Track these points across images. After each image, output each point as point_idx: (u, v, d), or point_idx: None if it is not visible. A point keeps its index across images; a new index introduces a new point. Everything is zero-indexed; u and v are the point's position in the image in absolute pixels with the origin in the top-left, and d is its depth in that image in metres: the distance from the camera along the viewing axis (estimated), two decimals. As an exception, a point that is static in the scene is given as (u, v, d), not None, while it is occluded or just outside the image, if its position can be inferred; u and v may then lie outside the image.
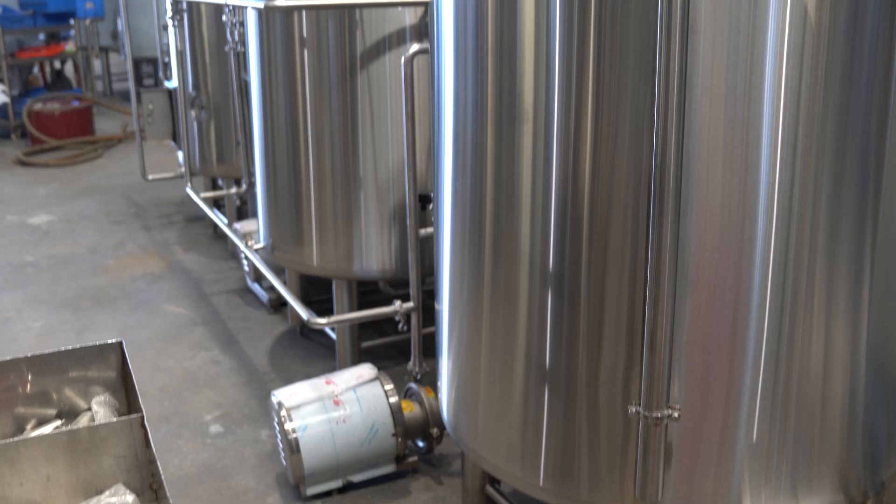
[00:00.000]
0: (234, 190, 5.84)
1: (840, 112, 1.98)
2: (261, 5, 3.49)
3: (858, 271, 2.11)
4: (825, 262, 2.06)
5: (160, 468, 2.58)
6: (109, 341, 3.02)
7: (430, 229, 3.55)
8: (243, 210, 6.16)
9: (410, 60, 3.16)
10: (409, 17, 3.53)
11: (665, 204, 1.91)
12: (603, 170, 2.05)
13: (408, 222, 3.42)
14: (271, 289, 5.13)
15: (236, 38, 4.60)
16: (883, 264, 2.15)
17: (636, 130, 1.99)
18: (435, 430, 3.37)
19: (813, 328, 2.10)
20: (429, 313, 3.70)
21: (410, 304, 3.59)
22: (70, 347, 2.99)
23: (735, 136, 1.94)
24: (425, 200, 3.49)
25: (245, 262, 5.34)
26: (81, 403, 3.02)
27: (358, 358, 4.23)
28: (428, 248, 3.60)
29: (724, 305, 2.04)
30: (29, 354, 2.94)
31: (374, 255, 3.84)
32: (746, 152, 1.95)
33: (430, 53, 2.58)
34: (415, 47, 3.17)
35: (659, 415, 2.04)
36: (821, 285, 2.07)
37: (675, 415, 2.06)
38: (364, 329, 4.58)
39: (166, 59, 6.72)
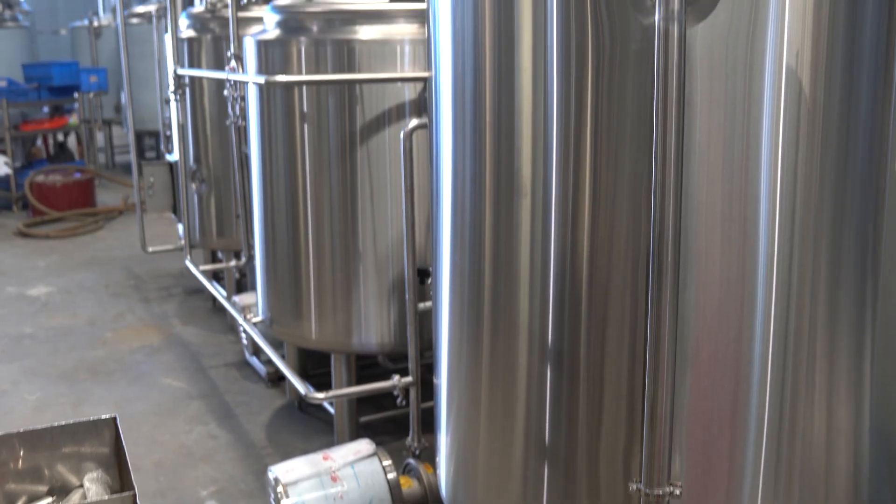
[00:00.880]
0: (233, 263, 5.85)
1: (837, 184, 1.98)
2: (261, 80, 3.53)
3: (860, 343, 2.10)
4: (826, 334, 2.05)
5: (153, 546, 2.53)
6: (103, 417, 2.99)
7: (428, 303, 3.54)
8: (242, 283, 6.15)
9: (409, 135, 3.19)
10: (409, 92, 3.57)
11: (664, 277, 1.91)
12: (601, 243, 2.05)
13: (407, 296, 3.42)
14: (269, 362, 5.10)
15: (237, 112, 4.65)
16: (884, 335, 2.14)
17: (634, 204, 1.99)
18: (433, 507, 3.32)
19: (815, 401, 2.08)
20: (428, 387, 3.67)
21: (409, 379, 3.57)
22: (63, 423, 2.96)
23: (733, 209, 1.95)
24: (424, 274, 3.49)
25: (243, 335, 5.31)
26: (74, 480, 2.98)
27: (356, 432, 4.19)
28: (427, 322, 3.59)
29: (724, 379, 2.02)
30: (21, 430, 2.91)
31: (373, 328, 3.83)
32: (744, 225, 1.95)
33: (428, 128, 2.60)
34: (414, 122, 3.21)
35: (660, 492, 2.01)
36: (822, 357, 2.06)
37: (677, 492, 2.02)
38: (363, 403, 4.54)
39: (168, 133, 6.79)
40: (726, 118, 1.92)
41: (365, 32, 3.56)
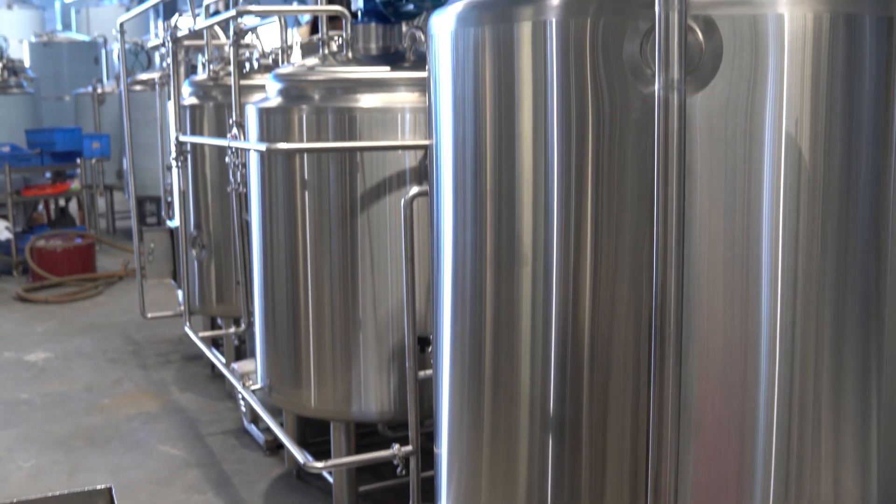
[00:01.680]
0: (232, 329, 5.83)
1: (839, 252, 1.98)
2: (262, 148, 3.55)
3: (865, 410, 2.08)
4: (831, 402, 2.03)
5: None
6: (98, 487, 2.95)
7: (429, 371, 3.51)
8: (242, 350, 6.12)
9: (410, 202, 3.20)
10: (409, 159, 3.59)
11: (666, 346, 1.90)
12: (603, 312, 2.04)
13: (407, 364, 3.40)
14: (268, 430, 5.05)
15: (238, 178, 4.67)
16: (889, 402, 2.12)
17: (636, 272, 1.98)
18: (434, 579, 3.26)
19: (821, 470, 2.05)
20: (428, 457, 3.62)
21: (409, 448, 3.53)
22: (58, 493, 2.92)
23: (735, 277, 1.94)
24: (424, 342, 3.47)
25: (242, 402, 5.27)
26: (68, 551, 2.93)
27: (356, 502, 4.13)
28: (427, 391, 3.56)
29: (729, 449, 1.99)
30: (15, 500, 2.87)
31: (373, 397, 3.79)
32: (747, 293, 1.94)
33: (429, 195, 2.61)
34: (414, 189, 3.21)
35: (666, 566, 1.97)
36: (827, 426, 2.03)
37: (683, 566, 1.99)
38: (362, 472, 4.48)
39: (169, 199, 6.82)
40: (727, 186, 1.92)
41: (366, 100, 3.60)
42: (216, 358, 5.29)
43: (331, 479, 4.24)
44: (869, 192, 2.00)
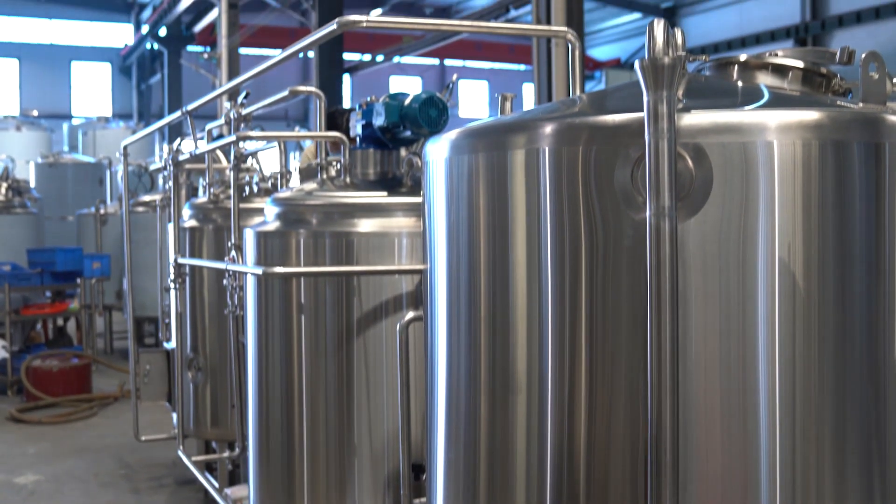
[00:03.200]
0: (227, 454, 5.74)
1: (837, 377, 1.96)
2: (259, 272, 3.56)
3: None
4: (835, 531, 1.98)
5: None
6: None
7: (423, 499, 3.44)
8: (236, 474, 6.01)
9: (406, 328, 3.18)
10: (406, 284, 3.59)
11: (663, 475, 1.86)
12: (599, 440, 2.01)
13: (402, 492, 3.33)
14: (260, 557, 4.91)
15: (236, 301, 4.67)
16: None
17: (631, 399, 1.96)
18: None
19: None
20: (423, 587, 3.52)
21: (404, 577, 3.42)
22: None
23: (732, 404, 1.92)
24: (420, 470, 3.41)
25: (234, 528, 5.14)
26: None
27: None
28: (422, 519, 3.48)
29: (732, 580, 1.94)
30: None
31: (367, 524, 3.71)
32: (745, 420, 1.92)
33: (423, 321, 2.60)
34: (410, 315, 3.20)
35: None
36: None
37: None
38: None
39: (167, 320, 6.80)
40: (721, 312, 1.92)
41: (363, 225, 3.62)
42: (209, 483, 5.19)
43: None
44: (864, 318, 1.99)
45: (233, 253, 4.50)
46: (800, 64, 2.30)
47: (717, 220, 1.91)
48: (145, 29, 28.46)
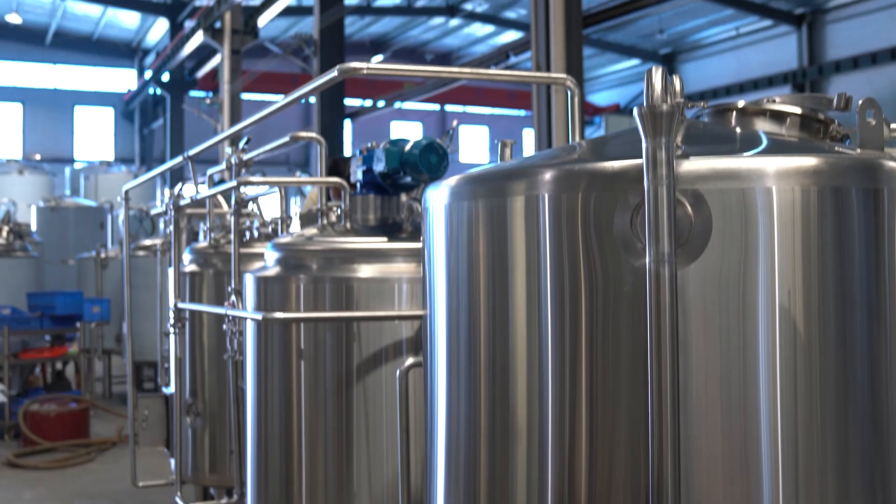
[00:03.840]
0: (224, 500, 5.68)
1: (839, 423, 1.95)
2: (259, 317, 3.56)
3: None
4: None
5: None
6: None
7: (423, 547, 3.41)
8: (234, 519, 5.95)
9: (406, 373, 3.17)
10: (406, 329, 3.59)
11: (666, 523, 1.84)
12: (600, 486, 1.99)
13: (401, 538, 3.30)
14: None
15: (235, 346, 4.65)
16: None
17: (632, 444, 1.95)
18: None
19: None
20: None
21: None
22: None
23: (734, 450, 1.91)
24: (419, 517, 3.38)
25: (232, 576, 5.08)
26: None
27: None
28: (422, 567, 3.44)
29: None
30: None
31: (366, 573, 3.67)
32: (746, 465, 1.91)
33: (423, 366, 2.59)
34: (409, 361, 3.19)
35: None
36: None
37: None
38: None
39: (166, 365, 6.78)
40: (722, 358, 1.92)
41: (363, 271, 3.62)
42: (207, 530, 5.14)
43: None
44: (865, 363, 1.99)
45: (233, 298, 4.50)
46: (797, 110, 2.31)
47: (716, 266, 1.92)
48: (148, 74, 28.69)
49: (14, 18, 30.01)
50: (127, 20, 31.48)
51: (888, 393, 2.02)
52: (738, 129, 2.31)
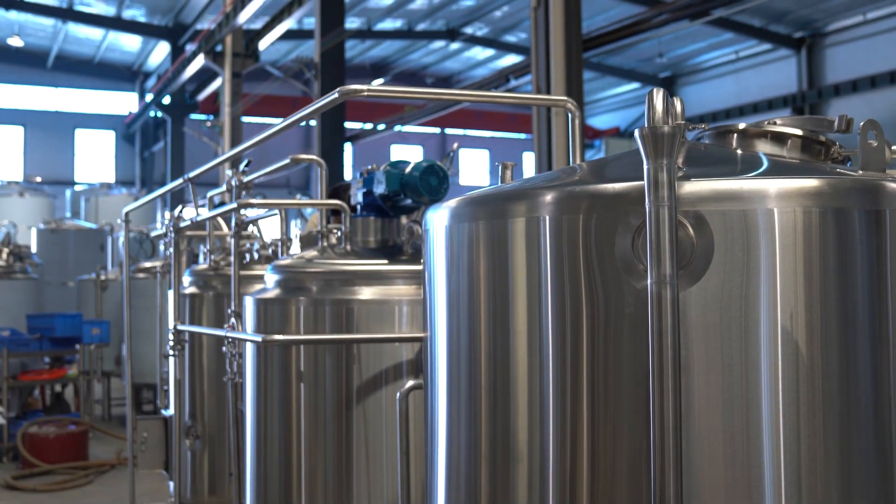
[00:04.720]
0: (223, 522, 5.66)
1: (842, 446, 1.94)
2: (258, 339, 3.55)
3: None
4: None
5: None
6: None
7: (423, 571, 3.38)
8: (232, 543, 5.92)
9: (406, 396, 3.16)
10: (406, 352, 3.58)
11: (668, 548, 1.83)
12: (602, 511, 1.98)
13: (401, 562, 3.27)
14: None
15: (235, 368, 4.64)
16: None
17: (633, 468, 1.94)
18: None
19: None
20: None
21: None
22: None
23: (736, 473, 1.89)
24: (418, 540, 3.36)
25: None
26: None
27: None
28: (422, 591, 3.42)
29: None
30: None
31: None
32: (749, 489, 1.89)
33: (424, 389, 2.58)
34: (410, 383, 3.18)
35: None
36: None
37: None
38: None
39: (165, 387, 6.76)
40: (724, 381, 1.90)
41: (363, 293, 3.62)
42: (205, 554, 5.10)
43: None
44: (869, 385, 1.97)
45: (232, 320, 4.49)
46: (798, 132, 2.30)
47: (718, 288, 1.91)
48: (149, 97, 28.82)
49: (16, 42, 30.14)
50: (128, 43, 31.63)
51: (891, 416, 2.00)
52: (739, 151, 2.31)
